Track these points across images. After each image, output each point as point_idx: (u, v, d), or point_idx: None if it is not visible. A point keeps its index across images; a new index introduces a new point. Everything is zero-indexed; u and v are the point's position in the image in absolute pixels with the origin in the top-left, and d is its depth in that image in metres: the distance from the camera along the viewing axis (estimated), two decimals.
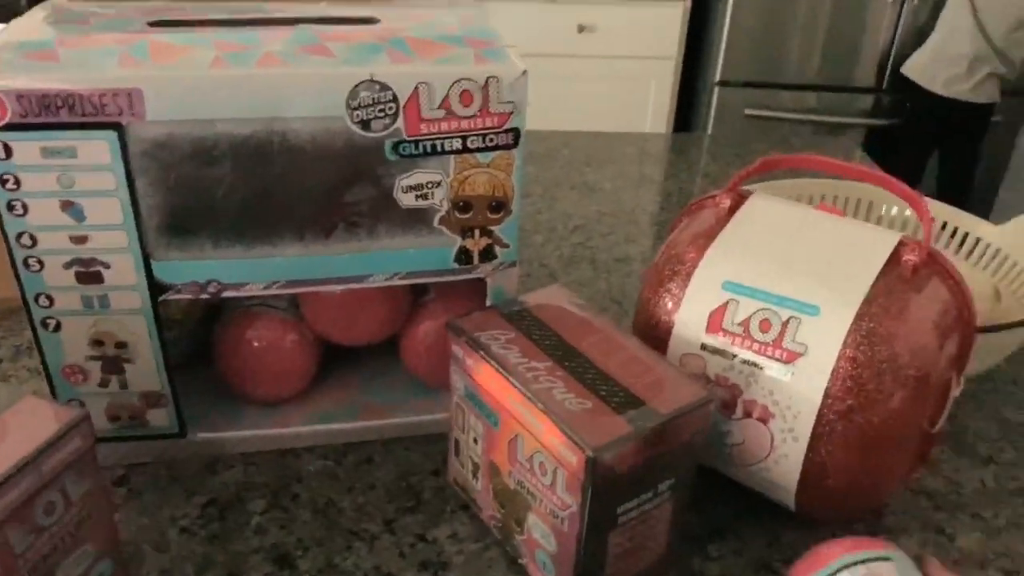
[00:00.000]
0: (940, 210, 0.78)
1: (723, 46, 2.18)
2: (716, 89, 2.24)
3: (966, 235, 0.77)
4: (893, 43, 2.18)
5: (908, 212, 0.80)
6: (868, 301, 0.48)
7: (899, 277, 0.49)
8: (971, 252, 0.77)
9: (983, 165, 2.28)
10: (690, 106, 2.44)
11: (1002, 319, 0.66)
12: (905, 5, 2.12)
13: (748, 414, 0.51)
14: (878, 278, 0.49)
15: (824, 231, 0.53)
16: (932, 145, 2.24)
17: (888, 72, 2.21)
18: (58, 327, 0.53)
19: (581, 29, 2.21)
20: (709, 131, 2.29)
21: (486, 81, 0.51)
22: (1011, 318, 0.66)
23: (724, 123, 2.28)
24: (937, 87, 2.07)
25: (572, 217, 0.99)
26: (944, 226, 0.78)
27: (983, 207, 2.43)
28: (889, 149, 2.28)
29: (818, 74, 2.22)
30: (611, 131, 1.29)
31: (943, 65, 2.06)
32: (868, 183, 0.55)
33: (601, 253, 0.91)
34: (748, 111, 2.25)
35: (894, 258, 0.50)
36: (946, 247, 0.78)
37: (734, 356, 0.51)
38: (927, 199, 0.78)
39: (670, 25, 2.22)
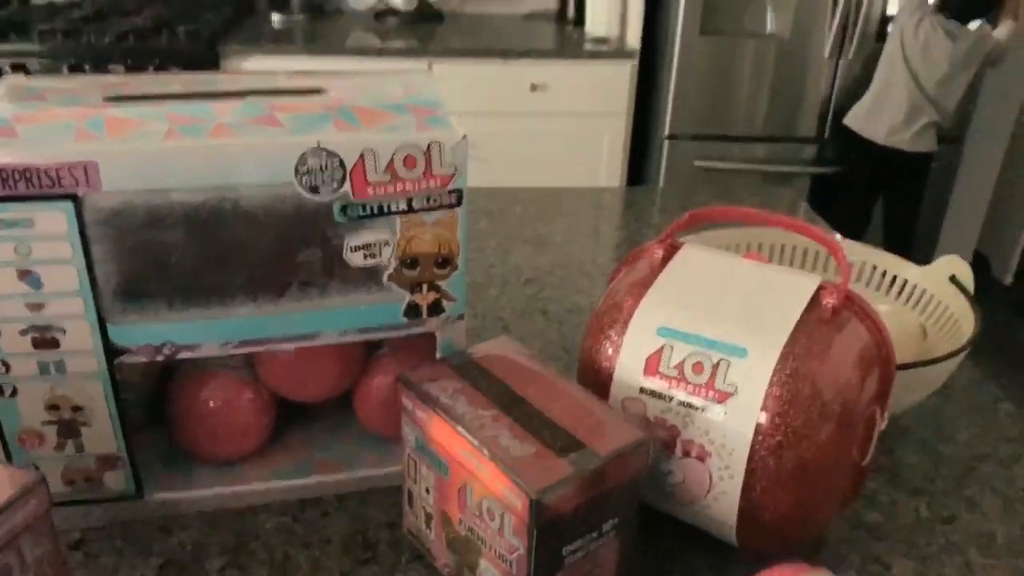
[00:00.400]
0: (868, 254, 0.83)
1: (670, 101, 2.26)
2: (666, 142, 2.32)
3: (895, 277, 0.82)
4: (832, 95, 2.28)
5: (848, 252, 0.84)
6: (791, 342, 0.51)
7: (819, 319, 0.53)
8: (900, 293, 0.81)
9: (926, 209, 2.38)
10: (643, 159, 2.51)
11: (929, 355, 0.69)
12: (841, 60, 2.23)
13: (687, 453, 0.53)
14: (800, 320, 0.52)
15: (750, 277, 0.56)
16: (876, 192, 2.34)
17: (828, 123, 2.32)
18: (14, 393, 0.54)
19: (534, 88, 2.28)
20: (661, 182, 2.36)
21: (428, 146, 0.54)
22: (938, 354, 0.69)
23: (675, 174, 2.35)
24: (878, 137, 2.17)
25: (524, 270, 1.02)
26: (874, 268, 0.83)
27: (928, 249, 2.52)
28: (834, 196, 2.37)
29: (763, 126, 2.31)
30: (568, 184, 1.34)
31: (882, 116, 2.16)
32: (788, 230, 0.59)
33: (552, 304, 0.94)
34: (698, 162, 2.33)
35: (815, 301, 0.54)
36: (877, 289, 0.82)
37: (671, 398, 0.53)
38: (854, 243, 0.83)
39: (619, 82, 2.30)
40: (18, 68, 2.05)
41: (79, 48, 2.07)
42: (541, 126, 2.33)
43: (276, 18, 2.46)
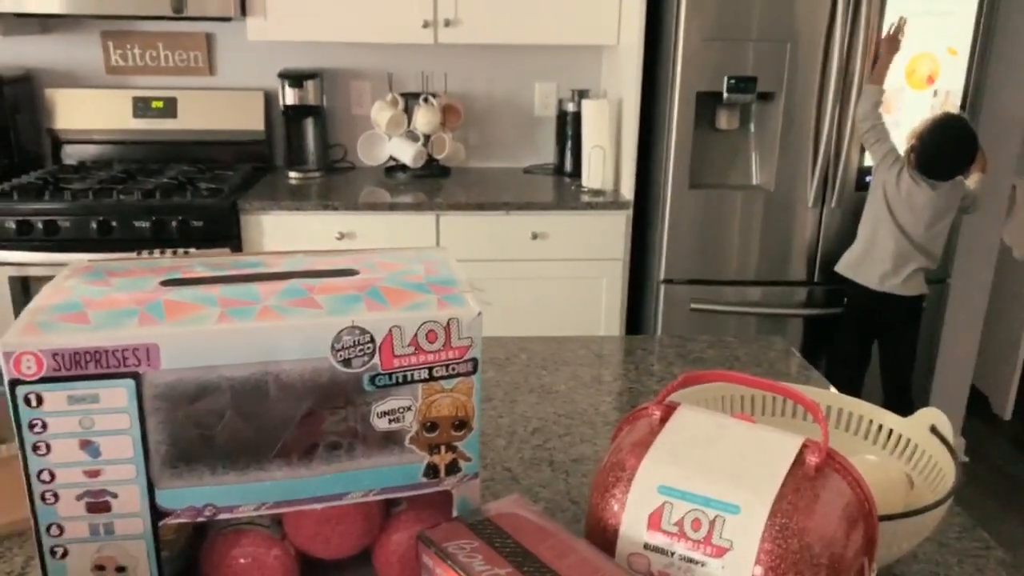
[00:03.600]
0: (856, 406, 0.88)
1: (664, 248, 2.38)
2: (662, 287, 2.42)
3: (880, 426, 0.87)
4: (819, 241, 2.40)
5: (828, 405, 0.90)
6: (779, 499, 0.56)
7: (804, 476, 0.58)
8: (886, 442, 0.86)
9: (921, 349, 2.45)
10: (640, 302, 2.61)
11: (916, 504, 0.74)
12: (824, 208, 2.37)
13: None
14: (787, 477, 0.58)
15: (740, 437, 0.62)
16: (872, 333, 2.41)
17: (817, 267, 2.42)
18: (65, 554, 0.58)
19: (535, 236, 2.40)
20: (659, 324, 2.44)
21: (448, 322, 0.61)
22: (925, 502, 0.74)
23: (672, 317, 2.44)
24: (871, 283, 2.27)
25: (531, 420, 1.07)
26: (860, 418, 0.88)
27: (926, 387, 2.57)
28: (829, 337, 2.44)
29: (755, 271, 2.42)
30: (569, 326, 1.41)
31: (873, 264, 2.27)
32: (773, 392, 0.65)
33: (559, 454, 0.98)
34: (694, 305, 2.41)
35: (799, 459, 0.59)
36: (865, 437, 0.87)
37: (673, 553, 0.58)
38: (839, 394, 0.89)
39: (615, 230, 2.43)
40: (50, 225, 2.17)
41: (108, 206, 2.20)
42: (542, 272, 2.44)
43: (293, 175, 2.63)
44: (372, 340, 0.59)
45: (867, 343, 2.41)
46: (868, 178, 2.33)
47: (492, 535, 0.58)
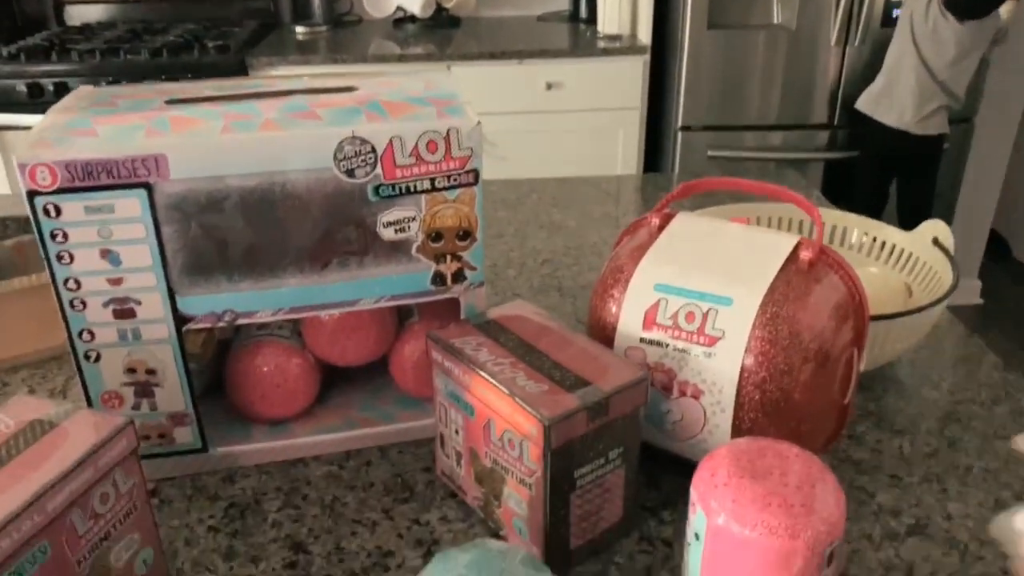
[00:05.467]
0: (859, 222, 0.89)
1: (682, 94, 2.32)
2: (679, 134, 2.38)
3: (883, 242, 0.88)
4: (840, 82, 2.33)
5: (834, 224, 0.91)
6: (771, 290, 0.58)
7: (797, 270, 0.60)
8: (889, 257, 0.87)
9: (941, 190, 2.42)
10: (657, 151, 2.57)
11: None
12: (848, 47, 2.28)
13: (683, 393, 0.60)
14: (779, 271, 0.59)
15: (736, 238, 0.63)
16: (889, 174, 2.38)
17: (838, 109, 2.36)
18: (98, 358, 0.62)
19: (549, 87, 2.35)
20: (676, 174, 2.43)
21: (447, 132, 0.61)
22: None
23: (689, 165, 2.41)
24: (890, 120, 2.21)
25: (541, 252, 1.09)
26: (865, 235, 0.89)
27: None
28: (849, 180, 2.42)
29: (775, 114, 2.37)
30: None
31: (893, 100, 2.21)
32: (773, 197, 0.66)
33: (567, 281, 1.01)
34: (711, 152, 2.38)
35: (793, 255, 0.61)
36: (867, 254, 0.89)
37: (667, 345, 0.60)
38: (844, 213, 0.90)
39: (632, 77, 2.37)
40: (60, 87, 2.16)
41: (117, 65, 2.18)
42: (557, 123, 2.40)
43: (300, 30, 2.56)
44: (373, 150, 0.61)
45: (885, 183, 2.39)
46: (896, 11, 2.23)
47: (497, 332, 0.61)
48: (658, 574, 0.58)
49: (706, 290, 0.60)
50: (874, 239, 0.89)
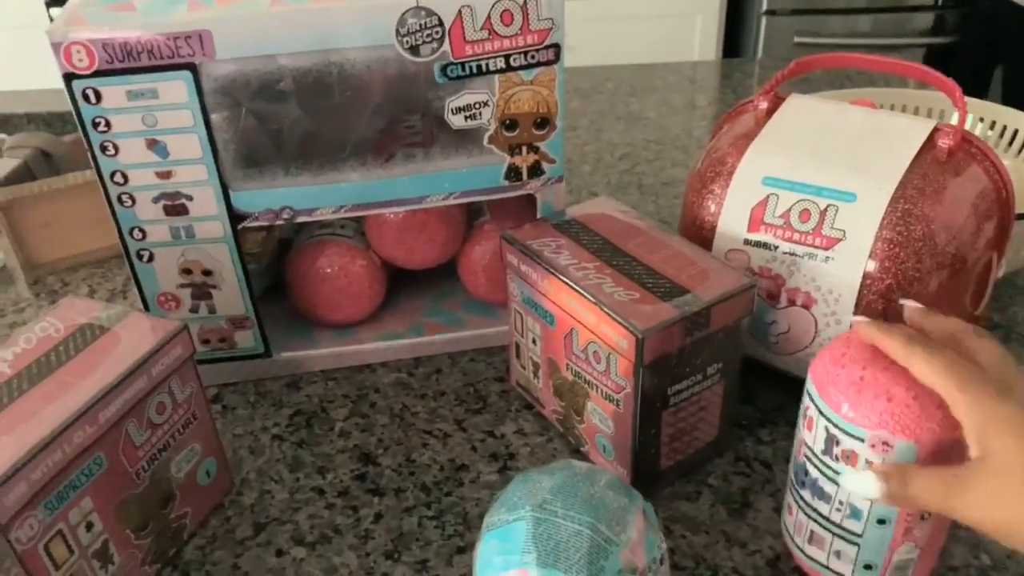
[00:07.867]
0: (987, 109, 0.78)
1: None
2: (763, 18, 2.20)
3: (1015, 132, 0.77)
4: None
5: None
6: (903, 184, 0.50)
7: (934, 161, 0.51)
8: (1021, 149, 0.77)
9: None
10: (738, 38, 2.39)
11: None
12: None
13: (792, 302, 0.53)
14: (913, 162, 0.51)
15: (859, 123, 0.54)
16: (994, 60, 2.17)
17: None
18: (151, 258, 0.58)
19: None
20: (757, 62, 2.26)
21: (525, 1, 0.53)
22: None
23: (773, 53, 2.24)
24: None
25: (618, 146, 1.01)
26: (993, 125, 0.78)
27: None
28: (950, 68, 2.21)
29: None
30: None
31: None
32: (900, 74, 0.56)
33: (648, 178, 0.93)
34: (798, 39, 2.20)
35: (929, 144, 0.52)
36: (996, 145, 0.78)
37: (776, 248, 0.53)
38: (971, 99, 0.79)
39: None
40: None
41: None
42: (630, 10, 2.24)
43: None
44: (440, 23, 0.53)
45: (988, 71, 2.18)
46: None
47: (579, 232, 0.55)
48: (757, 498, 0.53)
49: (825, 184, 0.52)
50: (1004, 128, 0.78)
